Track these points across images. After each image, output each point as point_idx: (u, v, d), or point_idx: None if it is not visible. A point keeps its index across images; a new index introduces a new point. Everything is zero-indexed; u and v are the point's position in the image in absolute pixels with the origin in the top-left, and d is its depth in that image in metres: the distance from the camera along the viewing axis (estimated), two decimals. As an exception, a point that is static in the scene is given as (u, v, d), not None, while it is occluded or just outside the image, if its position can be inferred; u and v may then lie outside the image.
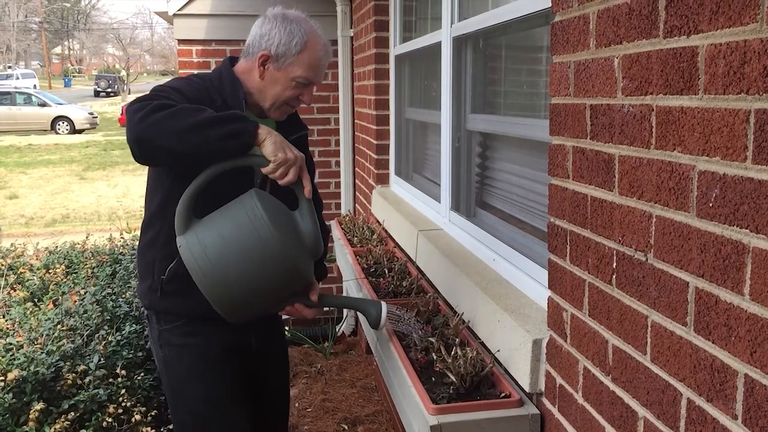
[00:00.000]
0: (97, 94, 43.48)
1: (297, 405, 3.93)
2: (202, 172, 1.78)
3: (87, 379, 2.13)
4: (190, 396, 2.03)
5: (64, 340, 2.30)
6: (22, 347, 2.25)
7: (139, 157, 1.76)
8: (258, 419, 2.19)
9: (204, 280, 1.72)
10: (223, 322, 1.89)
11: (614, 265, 1.29)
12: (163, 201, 1.94)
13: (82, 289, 2.92)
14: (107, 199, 13.56)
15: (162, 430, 2.17)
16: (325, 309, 4.82)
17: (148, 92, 1.85)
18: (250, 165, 1.82)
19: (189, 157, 1.78)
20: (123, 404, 2.12)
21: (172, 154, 1.75)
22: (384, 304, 1.99)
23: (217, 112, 1.79)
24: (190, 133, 1.70)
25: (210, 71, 2.11)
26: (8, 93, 26.49)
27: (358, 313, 2.25)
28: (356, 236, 3.40)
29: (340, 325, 5.01)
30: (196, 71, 4.99)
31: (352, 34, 4.70)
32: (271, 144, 1.76)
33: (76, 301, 2.71)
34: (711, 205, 1.01)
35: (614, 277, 1.30)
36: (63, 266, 3.40)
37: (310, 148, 2.34)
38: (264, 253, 1.71)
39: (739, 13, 0.93)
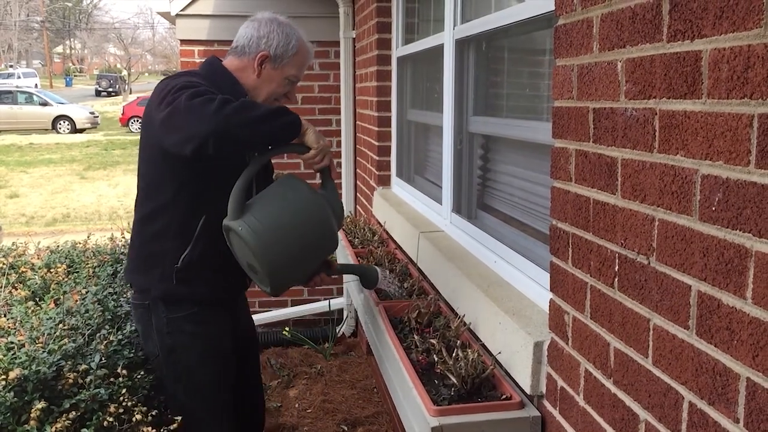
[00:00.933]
0: (98, 93, 43.51)
1: (297, 406, 3.93)
2: (251, 161, 1.99)
3: (88, 379, 2.13)
4: (201, 380, 2.16)
5: (66, 340, 2.30)
6: (24, 346, 2.24)
7: (214, 149, 1.84)
8: (244, 390, 2.41)
9: (265, 253, 1.94)
10: (226, 308, 2.21)
11: (616, 268, 1.30)
12: (176, 193, 2.06)
13: (84, 288, 2.92)
14: (108, 199, 13.57)
15: (162, 430, 2.17)
16: (330, 300, 4.83)
17: (169, 83, 1.97)
18: (293, 152, 2.08)
19: (251, 147, 2.01)
20: (124, 404, 2.11)
21: (241, 143, 1.94)
22: (379, 269, 2.43)
23: (248, 100, 1.99)
24: (260, 125, 1.90)
25: (197, 69, 2.24)
26: (10, 92, 26.51)
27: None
28: (357, 237, 3.40)
29: (340, 326, 5.01)
30: (198, 71, 5.00)
31: (354, 36, 4.71)
32: (312, 134, 2.03)
33: (77, 301, 2.71)
34: (714, 209, 1.01)
35: (616, 280, 1.30)
36: (64, 265, 3.39)
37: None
38: (314, 223, 2.03)
39: (743, 18, 0.93)
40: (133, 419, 2.10)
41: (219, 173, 2.03)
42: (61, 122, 25.56)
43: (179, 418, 2.15)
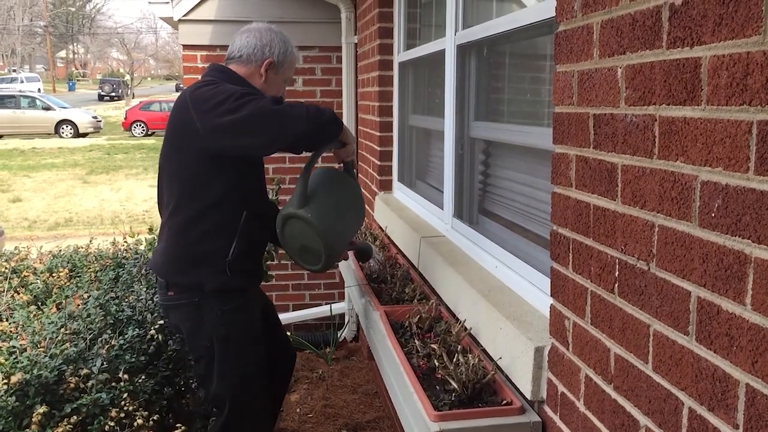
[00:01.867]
0: (101, 98, 43.56)
1: (298, 410, 3.93)
2: (311, 158, 2.32)
3: (90, 383, 2.14)
4: (250, 362, 2.38)
5: (67, 344, 2.31)
6: (26, 350, 2.25)
7: (297, 147, 2.24)
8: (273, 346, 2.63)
9: (327, 236, 2.27)
10: (257, 292, 2.52)
11: (616, 273, 1.30)
12: (224, 192, 2.26)
13: (86, 292, 2.92)
14: (110, 203, 13.59)
15: (164, 434, 2.18)
16: (331, 305, 4.84)
17: (223, 91, 2.17)
18: (333, 147, 2.37)
19: (322, 145, 2.30)
20: (125, 408, 2.12)
21: (320, 141, 2.26)
22: (373, 246, 2.96)
23: (312, 105, 2.27)
24: (329, 125, 2.24)
25: (208, 76, 2.38)
26: (13, 96, 26.58)
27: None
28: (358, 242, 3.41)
29: (341, 331, 5.01)
30: (200, 76, 5.01)
31: (356, 41, 4.72)
32: (348, 131, 2.36)
33: (79, 305, 2.71)
34: (713, 215, 1.01)
35: (616, 285, 1.30)
36: (66, 270, 3.40)
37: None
38: (357, 207, 2.47)
39: (742, 26, 0.93)
40: (135, 424, 2.11)
41: (254, 172, 2.39)
42: (64, 126, 25.62)
43: (179, 425, 2.16)
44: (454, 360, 1.84)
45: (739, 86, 0.95)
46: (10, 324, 2.62)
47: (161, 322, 2.59)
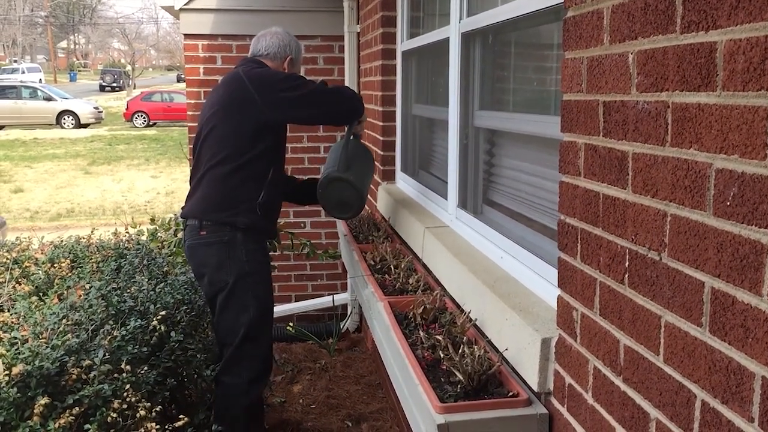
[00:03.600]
0: (102, 88, 43.48)
1: (301, 401, 3.92)
2: (347, 130, 3.02)
3: (92, 374, 2.12)
4: (263, 299, 2.87)
5: (69, 335, 2.29)
6: (27, 341, 2.24)
7: (343, 120, 3.05)
8: None
9: (364, 192, 2.98)
10: (270, 238, 3.09)
11: (627, 264, 1.28)
12: (262, 152, 2.81)
13: (87, 283, 2.91)
14: (112, 194, 13.58)
15: (167, 426, 2.16)
16: (334, 296, 4.83)
17: (283, 77, 2.88)
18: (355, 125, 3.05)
19: (353, 119, 3.01)
20: (128, 399, 2.10)
21: (353, 117, 3.00)
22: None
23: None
24: (360, 104, 3.00)
25: (253, 63, 2.98)
26: (14, 87, 26.53)
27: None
28: (362, 233, 3.39)
29: (344, 321, 5.00)
30: (202, 66, 4.98)
31: (358, 30, 4.69)
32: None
33: (81, 296, 2.70)
34: (728, 204, 0.99)
35: (626, 276, 1.28)
36: (68, 260, 3.39)
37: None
38: (373, 165, 3.28)
39: (760, 9, 0.91)
40: (137, 415, 2.09)
41: (284, 137, 2.99)
42: (66, 117, 25.57)
43: (182, 416, 2.14)
44: (460, 351, 1.82)
45: (756, 71, 0.92)
46: (11, 315, 2.61)
47: (163, 312, 2.58)
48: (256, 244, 2.85)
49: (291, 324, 4.80)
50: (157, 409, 2.20)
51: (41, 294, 3.02)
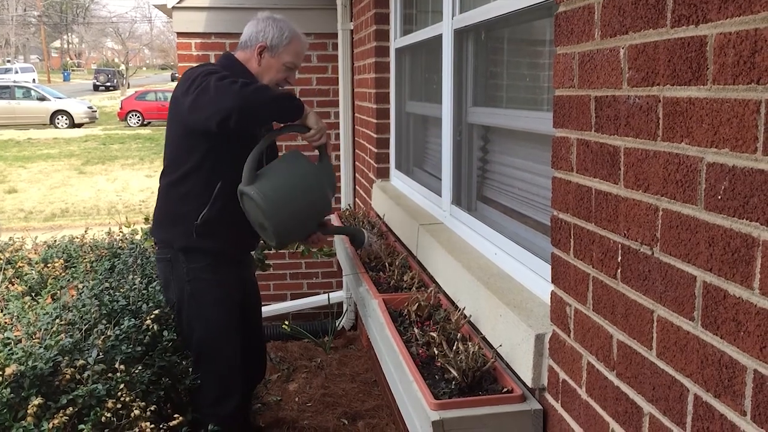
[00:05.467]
0: (96, 88, 43.36)
1: (297, 399, 3.92)
2: (263, 138, 2.45)
3: (86, 374, 2.11)
4: (212, 320, 2.58)
5: (63, 335, 2.28)
6: (20, 342, 2.23)
7: (236, 122, 2.24)
8: (249, 328, 2.84)
9: (273, 213, 2.38)
10: (235, 260, 2.68)
11: (619, 259, 1.28)
12: (200, 161, 2.47)
13: (81, 283, 2.89)
14: (106, 194, 13.54)
15: (162, 425, 2.15)
16: (329, 294, 4.81)
17: (195, 71, 2.38)
18: (296, 132, 2.51)
19: (264, 122, 2.50)
20: (122, 399, 2.09)
21: (259, 121, 2.43)
22: (366, 231, 2.94)
23: (261, 84, 2.46)
24: (273, 104, 2.35)
25: (214, 62, 2.74)
26: (7, 87, 26.45)
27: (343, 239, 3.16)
28: (356, 230, 3.38)
29: (340, 319, 5.00)
30: (195, 64, 4.96)
31: (351, 27, 4.68)
32: (313, 116, 2.47)
33: (74, 296, 2.69)
34: (719, 197, 0.99)
35: (619, 271, 1.28)
36: (61, 260, 3.37)
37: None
38: (312, 188, 2.49)
39: (750, 2, 0.91)
40: (132, 414, 2.09)
41: (232, 146, 2.45)
42: (59, 117, 25.49)
43: (177, 415, 2.14)
44: (454, 348, 1.82)
45: (746, 64, 0.92)
46: (4, 315, 2.59)
47: (156, 311, 2.57)
48: (202, 262, 2.56)
49: (286, 322, 4.79)
50: (152, 408, 2.19)
51: (34, 294, 3.01)
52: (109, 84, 43.41)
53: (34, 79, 38.23)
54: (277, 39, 2.59)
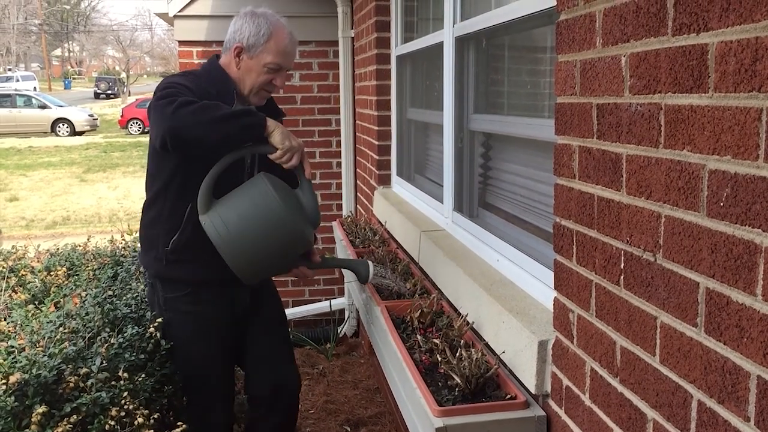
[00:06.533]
0: (97, 96, 43.43)
1: (299, 406, 3.91)
2: (220, 160, 2.10)
3: (89, 382, 2.11)
4: (193, 355, 2.37)
5: (66, 343, 2.28)
6: (24, 350, 2.23)
7: (172, 146, 2.03)
8: (269, 363, 2.56)
9: (227, 250, 2.08)
10: (223, 288, 2.36)
11: (622, 265, 1.28)
12: (167, 182, 2.24)
13: (84, 291, 2.90)
14: (108, 201, 13.56)
15: (165, 433, 2.16)
16: (331, 301, 4.81)
17: (160, 84, 2.17)
18: (260, 152, 2.17)
19: (212, 146, 2.10)
20: (125, 407, 2.10)
21: (200, 143, 2.06)
22: (371, 263, 2.45)
23: (211, 102, 2.09)
24: (215, 125, 2.03)
25: (198, 68, 2.43)
26: (8, 95, 26.50)
27: (347, 271, 2.82)
28: (358, 237, 3.39)
29: (341, 326, 5.00)
30: (196, 72, 4.97)
31: (353, 35, 4.70)
32: (279, 134, 2.11)
33: (77, 304, 2.69)
34: (722, 204, 0.99)
35: (622, 277, 1.28)
36: (64, 268, 3.38)
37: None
38: (276, 223, 2.09)
39: (751, 11, 0.91)
40: (135, 423, 2.09)
41: (202, 166, 2.15)
42: (60, 125, 25.53)
43: (180, 423, 2.14)
44: (457, 355, 1.82)
45: (747, 72, 0.93)
46: (8, 323, 2.60)
47: (160, 319, 2.57)
48: (178, 292, 2.34)
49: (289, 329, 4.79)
50: (155, 416, 2.19)
51: (38, 302, 3.02)
52: (110, 92, 43.49)
53: (35, 88, 38.30)
54: (254, 37, 2.26)
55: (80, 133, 25.52)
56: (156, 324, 2.53)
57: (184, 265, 2.27)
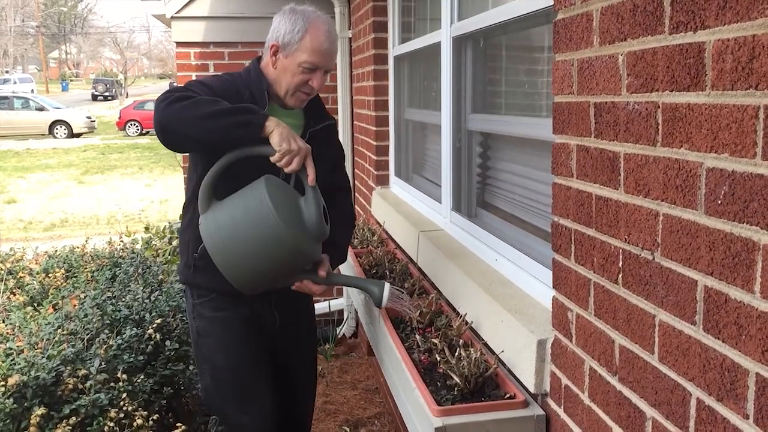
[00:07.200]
0: (94, 98, 43.38)
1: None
2: (219, 160, 1.97)
3: (88, 384, 2.12)
4: (215, 364, 2.25)
5: (65, 345, 2.28)
6: (23, 352, 2.23)
7: (164, 142, 1.97)
8: (283, 395, 2.38)
9: (217, 256, 1.94)
10: (247, 297, 2.17)
11: (620, 264, 1.28)
12: (197, 186, 2.07)
13: (82, 293, 2.90)
14: (106, 203, 13.54)
15: (164, 434, 2.16)
16: (330, 301, 4.80)
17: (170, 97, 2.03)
18: (259, 154, 1.95)
19: (205, 144, 2.01)
20: (124, 408, 2.10)
21: (190, 140, 1.98)
22: (387, 284, 2.13)
23: (244, 104, 2.02)
24: (204, 122, 1.90)
25: (241, 70, 2.29)
26: (6, 98, 26.46)
27: (362, 293, 2.53)
28: (356, 237, 3.39)
29: (340, 327, 5.00)
30: (194, 74, 4.98)
31: (350, 36, 4.70)
32: (277, 135, 1.92)
33: (76, 305, 2.69)
34: (720, 202, 0.99)
35: (620, 276, 1.29)
36: (62, 270, 3.38)
37: None
38: (268, 235, 1.89)
39: (747, 8, 0.92)
40: (134, 424, 2.09)
41: (232, 170, 2.00)
42: (58, 127, 25.50)
43: (179, 424, 2.14)
44: (456, 354, 1.82)
45: (744, 70, 0.93)
46: (6, 325, 2.60)
47: (159, 321, 2.57)
48: (204, 298, 2.24)
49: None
50: (154, 417, 2.19)
51: (36, 304, 3.02)
52: (107, 94, 43.44)
53: (32, 90, 38.28)
54: (289, 35, 2.12)
55: (78, 135, 25.49)
56: (155, 325, 2.53)
57: (210, 273, 2.04)
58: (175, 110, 1.91)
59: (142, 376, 2.30)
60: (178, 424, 2.22)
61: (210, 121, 1.91)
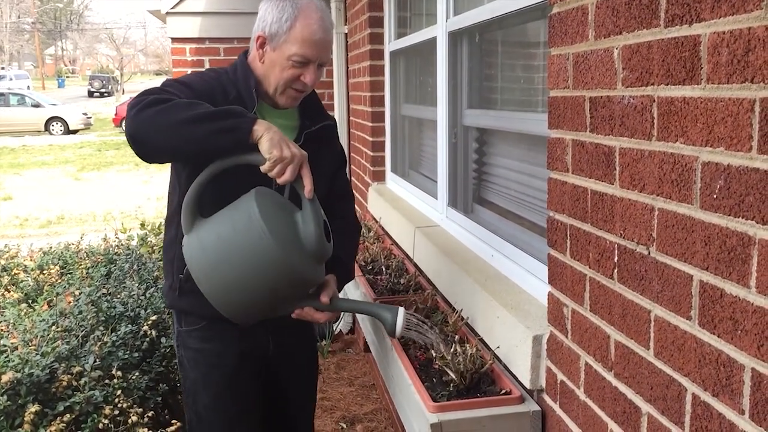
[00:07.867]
0: (90, 94, 43.30)
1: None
2: (203, 171, 1.69)
3: (82, 381, 2.11)
4: (199, 400, 1.97)
5: (59, 342, 2.27)
6: (17, 349, 2.22)
7: (138, 153, 1.68)
8: (279, 422, 2.13)
9: (203, 283, 1.65)
10: (231, 328, 1.86)
11: (616, 259, 1.28)
12: (179, 198, 1.81)
13: (77, 289, 2.89)
14: (102, 200, 13.51)
15: (159, 431, 2.15)
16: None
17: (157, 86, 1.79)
18: (247, 163, 1.66)
19: (185, 154, 1.73)
20: (119, 405, 2.09)
21: (167, 150, 1.69)
22: (401, 310, 1.76)
23: (230, 104, 1.73)
24: (182, 128, 1.62)
25: (228, 66, 1.99)
26: (2, 94, 26.36)
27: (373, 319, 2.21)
28: (353, 234, 3.38)
29: (337, 323, 4.99)
30: (189, 70, 4.97)
31: (346, 31, 4.68)
32: (267, 141, 1.62)
33: (70, 302, 2.68)
34: (715, 196, 0.99)
35: (616, 271, 1.28)
36: (57, 267, 3.37)
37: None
38: (260, 257, 1.61)
39: (743, 1, 0.91)
40: (129, 421, 2.08)
41: (221, 182, 1.72)
42: (54, 124, 25.42)
43: (175, 420, 2.14)
44: (452, 350, 1.82)
45: (740, 63, 0.92)
46: (0, 322, 2.59)
47: (154, 317, 2.56)
48: (190, 326, 1.96)
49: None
50: (149, 414, 2.18)
51: (30, 301, 3.01)
52: (103, 90, 43.35)
53: (28, 86, 38.15)
54: (276, 24, 1.82)
55: (74, 132, 25.43)
56: (150, 322, 2.52)
57: (197, 296, 1.72)
58: (148, 116, 1.63)
59: (137, 373, 2.29)
60: (174, 421, 2.21)
61: (189, 128, 1.62)
